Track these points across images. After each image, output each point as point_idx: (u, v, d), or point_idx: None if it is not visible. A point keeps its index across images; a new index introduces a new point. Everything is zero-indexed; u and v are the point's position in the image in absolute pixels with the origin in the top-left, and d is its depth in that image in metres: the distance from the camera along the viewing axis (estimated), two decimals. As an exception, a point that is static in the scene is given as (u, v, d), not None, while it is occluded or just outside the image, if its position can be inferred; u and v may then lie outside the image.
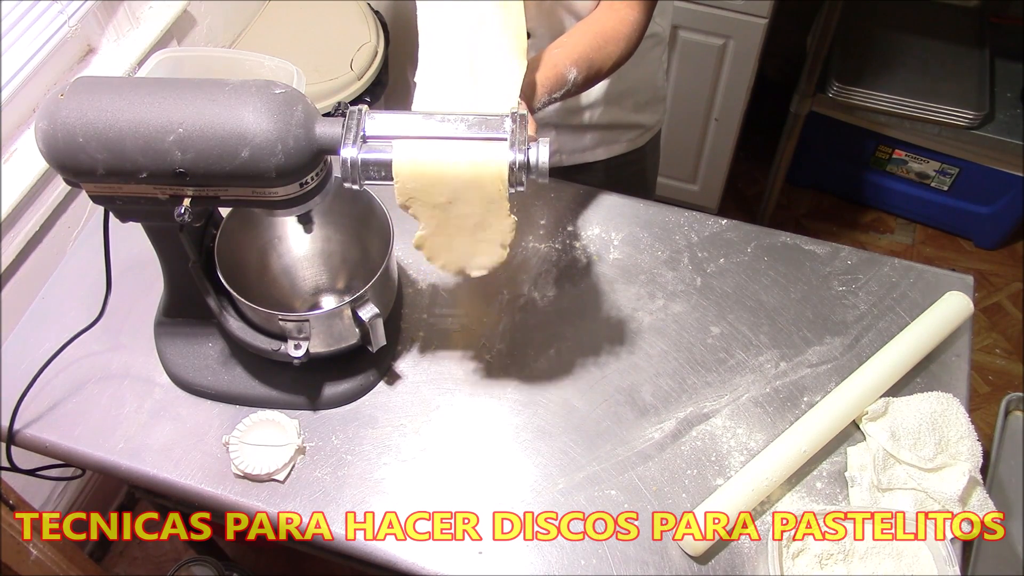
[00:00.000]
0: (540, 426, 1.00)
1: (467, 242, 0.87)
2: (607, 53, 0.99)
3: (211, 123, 0.77)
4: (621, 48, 1.00)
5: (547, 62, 0.95)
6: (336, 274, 1.11)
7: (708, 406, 1.01)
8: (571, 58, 0.96)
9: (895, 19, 2.23)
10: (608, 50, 0.99)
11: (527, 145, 0.79)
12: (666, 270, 1.13)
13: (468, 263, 0.89)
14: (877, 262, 1.14)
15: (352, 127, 0.80)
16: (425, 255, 0.88)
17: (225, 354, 1.03)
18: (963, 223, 2.32)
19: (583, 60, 0.96)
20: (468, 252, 0.88)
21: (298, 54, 1.79)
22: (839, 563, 0.89)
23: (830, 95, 2.10)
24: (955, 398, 0.99)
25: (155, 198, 0.83)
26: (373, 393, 1.03)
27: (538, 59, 0.95)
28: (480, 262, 0.89)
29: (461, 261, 0.89)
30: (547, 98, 0.94)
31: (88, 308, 1.04)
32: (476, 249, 0.87)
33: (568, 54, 0.96)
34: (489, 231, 0.85)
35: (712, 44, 1.92)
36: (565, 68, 0.95)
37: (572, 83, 0.96)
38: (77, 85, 0.80)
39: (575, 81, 0.96)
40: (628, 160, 1.36)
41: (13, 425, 0.99)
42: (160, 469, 0.97)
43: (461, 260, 0.89)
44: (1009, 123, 2.07)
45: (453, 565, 0.90)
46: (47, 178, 1.40)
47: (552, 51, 0.97)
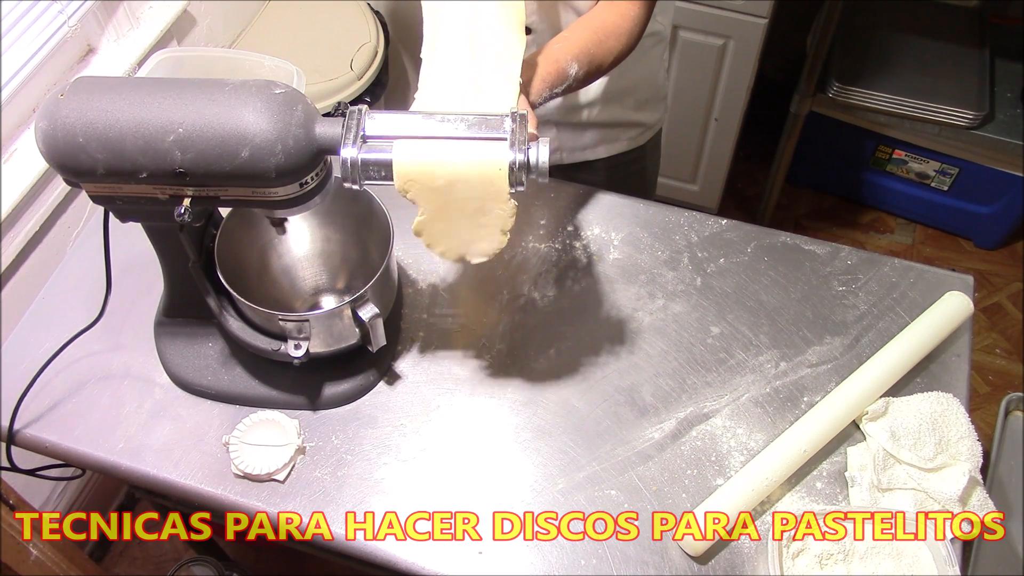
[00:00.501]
0: (540, 426, 1.00)
1: (467, 227, 0.86)
2: (608, 48, 0.99)
3: (211, 123, 0.77)
4: (622, 43, 1.00)
5: (548, 57, 0.95)
6: (336, 274, 1.11)
7: (708, 406, 1.01)
8: (572, 53, 0.96)
9: (895, 19, 2.23)
10: (609, 45, 0.99)
11: (527, 145, 0.80)
12: (666, 270, 1.13)
13: (468, 250, 0.89)
14: (877, 262, 1.14)
15: (352, 127, 0.80)
16: (424, 242, 0.88)
17: (225, 354, 1.03)
18: (963, 223, 2.32)
19: (584, 55, 0.96)
20: (468, 238, 0.87)
21: (298, 54, 1.79)
22: (839, 563, 0.89)
23: (830, 95, 2.10)
24: (955, 398, 0.99)
25: (155, 198, 0.83)
26: (373, 393, 1.03)
27: (539, 54, 0.95)
28: (480, 248, 0.88)
29: (461, 248, 0.89)
30: (548, 93, 0.94)
31: (88, 308, 1.04)
32: (476, 235, 0.87)
33: (569, 49, 0.96)
34: (489, 216, 0.84)
35: (712, 44, 1.92)
36: (566, 63, 0.95)
37: (573, 78, 0.96)
38: (77, 85, 0.80)
39: (576, 76, 0.96)
40: (629, 159, 1.36)
41: (13, 425, 0.99)
42: (160, 469, 0.97)
43: (461, 247, 0.88)
44: (1009, 123, 2.07)
45: (453, 565, 0.90)
46: (47, 178, 1.40)
47: (553, 46, 0.96)
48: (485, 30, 0.92)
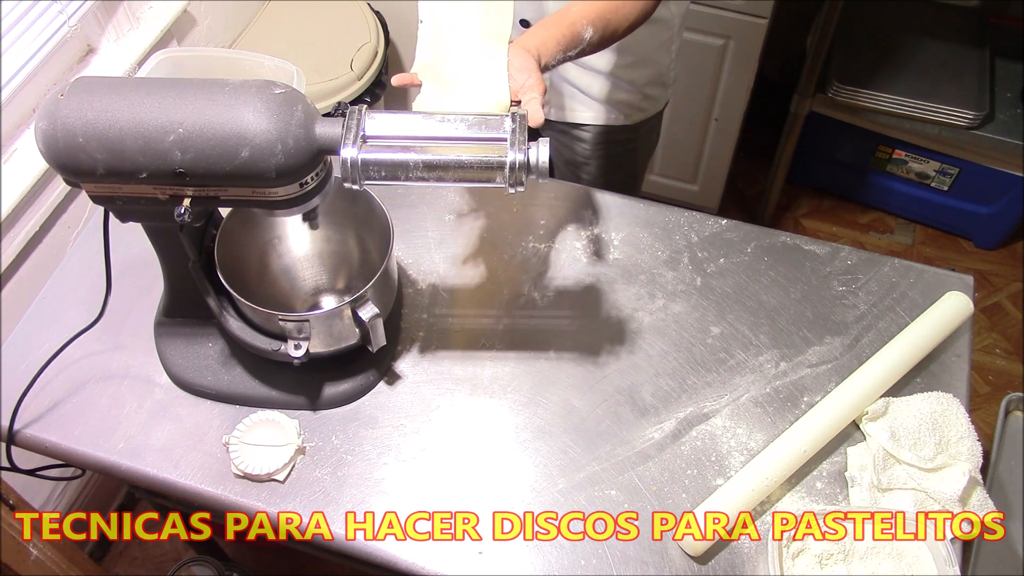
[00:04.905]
0: (540, 426, 1.00)
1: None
2: (624, 14, 0.99)
3: (211, 123, 0.77)
4: (638, 9, 1.01)
5: (563, 20, 0.95)
6: (336, 274, 1.11)
7: (708, 406, 1.01)
8: (588, 17, 0.96)
9: (895, 19, 2.23)
10: (625, 11, 0.99)
11: (527, 145, 0.80)
12: (666, 270, 1.13)
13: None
14: (877, 262, 1.14)
15: (352, 127, 0.80)
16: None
17: (225, 354, 1.03)
18: (963, 223, 2.32)
19: (600, 20, 0.97)
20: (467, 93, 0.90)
21: (298, 54, 1.79)
22: (839, 563, 0.89)
23: (830, 95, 2.10)
24: (955, 398, 0.99)
25: (155, 198, 0.83)
26: (373, 393, 1.03)
27: (555, 16, 0.96)
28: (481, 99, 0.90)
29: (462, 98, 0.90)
30: (561, 55, 0.95)
31: (88, 308, 1.04)
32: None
33: (585, 13, 0.96)
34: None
35: (712, 44, 1.92)
36: (582, 27, 0.95)
37: (587, 42, 0.97)
38: (77, 85, 0.80)
39: (590, 40, 0.97)
40: (619, 136, 1.35)
41: (13, 425, 0.99)
42: (160, 469, 0.97)
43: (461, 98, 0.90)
44: (1009, 123, 2.07)
45: (453, 565, 0.90)
46: (47, 178, 1.40)
47: (570, 9, 0.97)
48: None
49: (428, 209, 1.20)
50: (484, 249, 1.16)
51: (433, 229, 1.18)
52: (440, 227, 1.18)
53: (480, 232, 1.18)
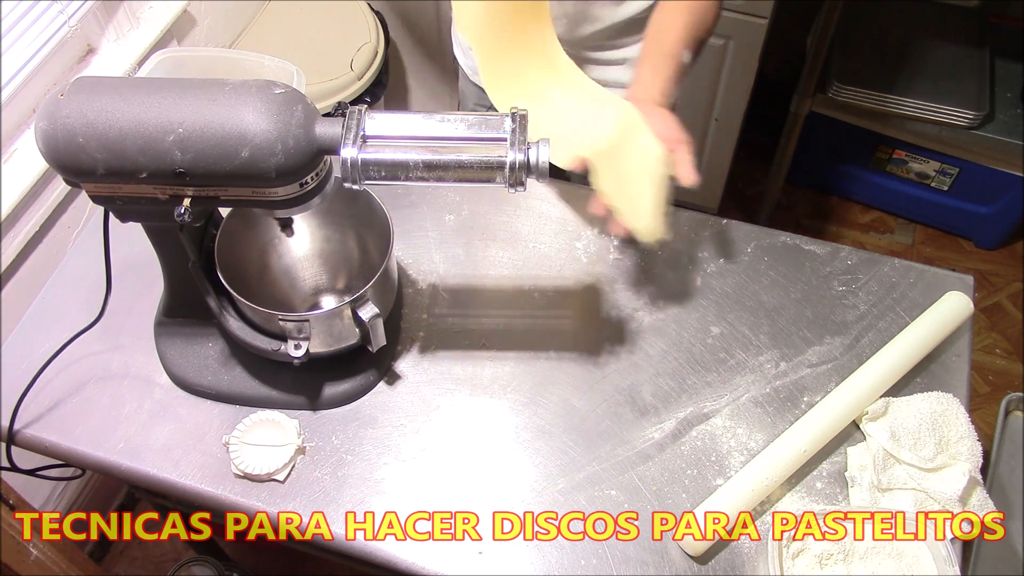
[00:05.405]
0: (540, 426, 1.00)
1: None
2: (707, 26, 1.02)
3: (211, 123, 0.77)
4: (714, 12, 1.03)
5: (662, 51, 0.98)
6: (336, 274, 1.11)
7: (708, 406, 1.01)
8: (682, 41, 0.99)
9: (895, 19, 2.23)
10: (708, 23, 1.02)
11: (527, 145, 0.80)
12: (666, 270, 1.13)
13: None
14: (877, 262, 1.14)
15: (352, 127, 0.80)
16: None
17: (225, 354, 1.03)
18: (963, 223, 2.32)
19: (692, 40, 1.00)
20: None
21: (298, 54, 1.79)
22: (839, 563, 0.89)
23: (830, 95, 2.10)
24: (955, 398, 0.99)
25: (155, 198, 0.83)
26: (373, 393, 1.03)
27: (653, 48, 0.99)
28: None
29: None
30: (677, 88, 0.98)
31: (88, 308, 1.04)
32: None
33: (678, 38, 0.99)
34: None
35: (712, 44, 1.91)
36: (679, 53, 0.98)
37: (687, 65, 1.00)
38: (77, 85, 0.80)
39: (688, 62, 1.00)
40: None
41: (13, 425, 0.99)
42: (160, 469, 0.97)
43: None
44: (1009, 123, 2.07)
45: (453, 565, 0.90)
46: (47, 178, 1.40)
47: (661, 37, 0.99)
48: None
49: (428, 209, 1.20)
50: (484, 249, 1.16)
51: (433, 229, 1.18)
52: (440, 227, 1.18)
53: (480, 232, 1.18)
